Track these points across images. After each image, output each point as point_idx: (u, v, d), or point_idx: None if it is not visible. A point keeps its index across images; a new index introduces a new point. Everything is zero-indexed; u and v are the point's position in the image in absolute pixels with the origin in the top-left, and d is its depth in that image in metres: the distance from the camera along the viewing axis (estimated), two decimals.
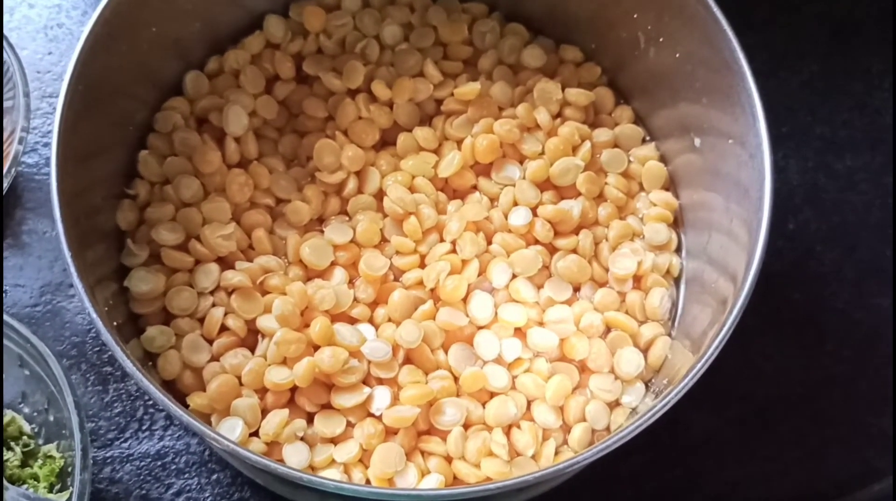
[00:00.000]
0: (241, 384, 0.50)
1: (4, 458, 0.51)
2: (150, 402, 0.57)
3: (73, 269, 0.43)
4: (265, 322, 0.51)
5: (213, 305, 0.52)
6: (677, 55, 0.54)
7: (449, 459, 0.50)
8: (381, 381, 0.51)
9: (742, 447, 0.59)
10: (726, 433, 0.59)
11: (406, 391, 0.50)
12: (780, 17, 0.68)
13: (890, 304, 0.62)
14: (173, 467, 0.56)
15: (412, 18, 0.60)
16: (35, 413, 0.53)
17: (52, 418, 0.52)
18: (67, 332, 0.58)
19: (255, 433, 0.49)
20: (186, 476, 0.56)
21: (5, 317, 0.49)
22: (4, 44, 0.56)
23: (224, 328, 0.51)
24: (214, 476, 0.56)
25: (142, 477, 0.55)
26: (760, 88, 0.48)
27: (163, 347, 0.51)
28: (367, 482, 0.49)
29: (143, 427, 0.56)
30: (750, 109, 0.48)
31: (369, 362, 0.51)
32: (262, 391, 0.50)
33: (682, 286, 0.57)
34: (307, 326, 0.51)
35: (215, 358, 0.51)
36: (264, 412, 0.50)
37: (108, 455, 0.55)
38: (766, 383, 0.59)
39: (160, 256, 0.52)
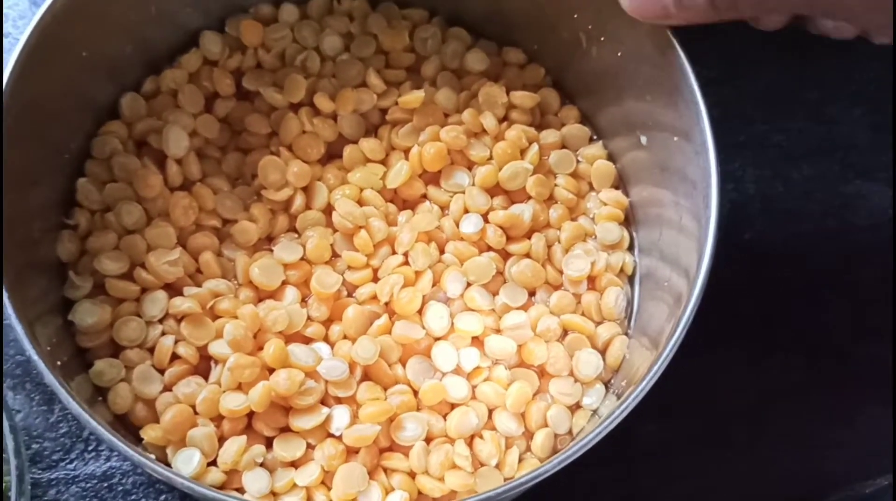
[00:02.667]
0: (195, 413, 0.49)
1: None
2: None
3: (10, 309, 0.42)
4: (217, 348, 0.50)
5: (163, 333, 0.51)
6: (619, 54, 0.54)
7: (412, 474, 0.50)
8: (339, 400, 0.50)
9: (695, 459, 0.59)
10: (680, 446, 0.59)
11: (365, 409, 0.49)
12: (737, 23, 0.68)
13: (843, 315, 0.62)
14: (120, 488, 0.55)
15: (352, 28, 0.59)
16: None
17: None
18: (11, 350, 0.56)
19: (214, 462, 0.48)
20: (133, 497, 0.55)
21: None
22: None
23: (175, 357, 0.50)
24: (162, 497, 0.55)
25: (88, 499, 0.54)
26: (717, 95, 0.47)
27: (113, 380, 0.49)
28: None
29: (90, 448, 0.55)
30: (693, 105, 0.48)
31: (326, 381, 0.50)
32: (218, 419, 0.49)
33: (637, 284, 0.57)
34: (261, 349, 0.50)
35: (168, 388, 0.50)
36: (221, 440, 0.49)
37: (53, 476, 0.54)
38: (720, 394, 0.59)
39: (105, 286, 0.51)
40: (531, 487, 0.43)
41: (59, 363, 0.44)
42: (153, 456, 0.46)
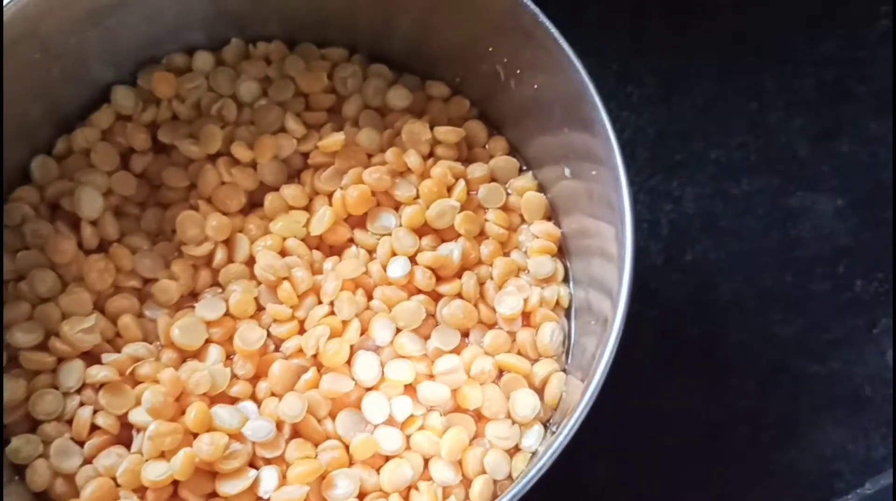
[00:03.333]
0: (118, 485, 0.47)
1: None
2: None
3: None
4: (137, 416, 0.49)
5: (81, 404, 0.49)
6: (535, 86, 0.53)
7: None
8: (267, 461, 0.49)
9: (647, 495, 0.57)
10: (629, 481, 0.57)
11: (294, 469, 0.48)
12: (669, 40, 0.66)
13: (792, 332, 0.61)
14: None
15: (269, 71, 0.58)
16: None
17: None
18: None
19: None
20: None
21: None
22: None
23: (95, 427, 0.49)
24: None
25: None
26: (652, 114, 0.46)
27: (30, 457, 0.48)
28: None
29: None
30: (605, 140, 0.46)
31: (253, 442, 0.49)
32: (141, 490, 0.48)
33: (573, 317, 0.56)
34: (184, 413, 0.49)
35: (88, 461, 0.48)
36: None
37: None
38: (669, 425, 0.58)
39: (18, 359, 0.50)
40: None
41: None
42: None
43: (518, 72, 0.53)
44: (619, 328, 0.44)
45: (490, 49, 0.54)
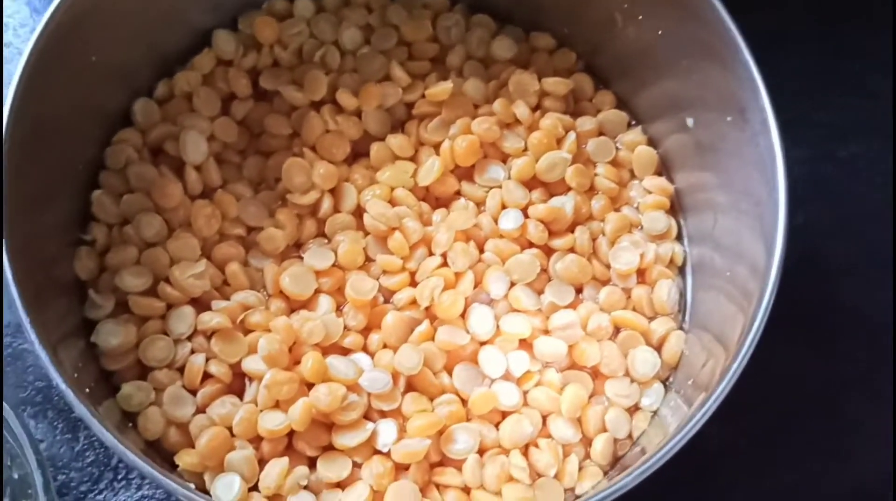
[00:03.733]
0: (232, 435, 0.46)
1: None
2: None
3: (33, 335, 0.39)
4: (251, 364, 0.47)
5: (192, 351, 0.48)
6: (660, 32, 0.51)
7: (467, 490, 0.47)
8: (384, 414, 0.47)
9: (762, 458, 0.56)
10: (744, 445, 0.56)
11: (413, 422, 0.46)
12: (771, 1, 0.65)
13: None
14: None
15: (371, 19, 0.57)
16: None
17: (16, 475, 0.48)
18: (31, 376, 0.53)
19: (255, 487, 0.45)
20: None
21: None
22: None
23: (207, 376, 0.47)
24: None
25: None
26: None
27: (142, 404, 0.46)
28: None
29: (119, 477, 0.52)
30: (749, 81, 0.45)
31: (369, 394, 0.47)
32: (256, 441, 0.46)
33: (689, 275, 0.54)
34: (297, 363, 0.47)
35: (201, 410, 0.47)
36: (261, 463, 0.46)
37: None
38: (781, 389, 0.56)
39: (128, 304, 0.48)
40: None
41: (87, 390, 0.41)
42: (192, 485, 0.43)
43: (640, 18, 0.51)
44: (767, 306, 0.43)
45: None
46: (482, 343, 0.50)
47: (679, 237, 0.55)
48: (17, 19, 0.61)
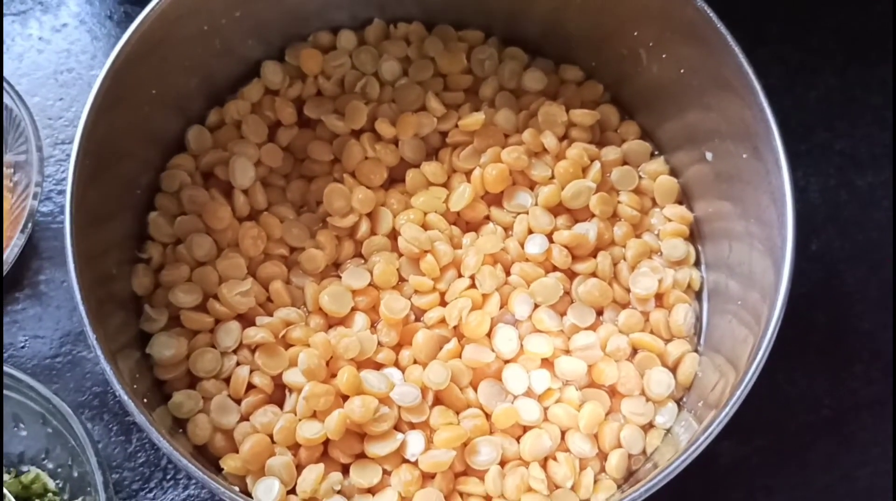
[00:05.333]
0: (273, 442, 0.49)
1: None
2: None
3: (96, 346, 0.43)
4: (292, 377, 0.51)
5: (238, 363, 0.51)
6: (682, 71, 0.53)
7: (488, 498, 0.50)
8: (413, 425, 0.51)
9: (771, 475, 0.58)
10: (755, 462, 0.58)
11: (440, 434, 0.50)
12: (794, 31, 0.66)
13: None
14: None
15: (409, 52, 0.60)
16: (59, 469, 0.53)
17: (76, 473, 0.52)
18: (89, 382, 0.57)
19: (293, 491, 0.49)
20: None
21: (25, 376, 0.49)
22: (14, 97, 0.55)
23: (251, 386, 0.51)
24: None
25: None
26: (775, 104, 0.47)
27: (191, 411, 0.50)
28: None
29: (168, 477, 0.56)
30: (763, 122, 0.47)
31: (399, 407, 0.50)
32: (294, 448, 0.50)
33: (705, 300, 0.56)
34: (334, 376, 0.51)
35: (245, 418, 0.50)
36: (299, 469, 0.49)
37: None
38: (794, 409, 0.59)
39: (179, 318, 0.52)
40: None
41: (144, 400, 0.45)
42: (236, 487, 0.47)
43: (664, 56, 0.54)
44: (775, 329, 0.45)
45: (635, 34, 0.55)
46: (506, 361, 0.53)
47: (697, 264, 0.57)
48: (78, 46, 0.65)
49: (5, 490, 0.50)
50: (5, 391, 0.50)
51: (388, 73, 0.59)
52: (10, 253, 0.52)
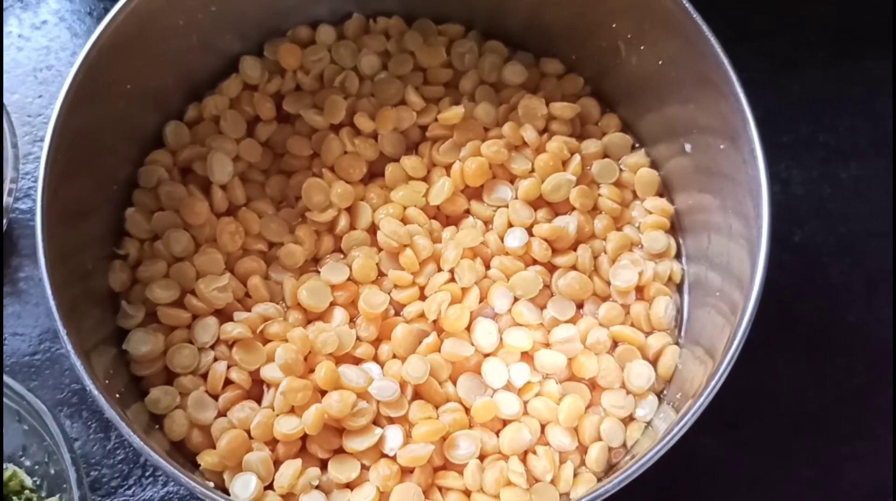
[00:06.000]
0: (250, 437, 0.49)
1: None
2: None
3: (67, 343, 0.42)
4: (269, 372, 0.50)
5: (215, 359, 0.51)
6: (660, 62, 0.53)
7: (468, 493, 0.50)
8: (391, 420, 0.50)
9: (755, 469, 0.58)
10: (738, 456, 0.58)
11: (418, 429, 0.49)
12: (779, 25, 0.66)
13: None
14: None
15: (388, 46, 0.60)
16: (36, 466, 0.53)
17: (52, 471, 0.52)
18: (67, 379, 0.57)
19: (270, 486, 0.49)
20: None
21: None
22: None
23: (228, 382, 0.51)
24: None
25: None
26: (759, 97, 0.47)
27: (168, 407, 0.50)
28: None
29: (147, 474, 0.56)
30: (739, 112, 0.47)
31: (378, 402, 0.50)
32: (272, 443, 0.50)
33: (686, 292, 0.56)
34: (312, 371, 0.51)
35: (222, 414, 0.50)
36: (277, 464, 0.49)
37: None
38: (777, 402, 0.59)
39: (156, 314, 0.52)
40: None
41: (117, 395, 0.45)
42: (211, 483, 0.47)
43: (642, 48, 0.54)
44: (750, 318, 0.45)
45: (614, 26, 0.55)
46: (486, 355, 0.53)
47: (678, 256, 0.57)
48: (57, 43, 0.65)
49: None
50: None
51: (367, 67, 0.59)
52: None
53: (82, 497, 0.46)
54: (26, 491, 0.52)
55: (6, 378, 0.49)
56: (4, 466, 0.53)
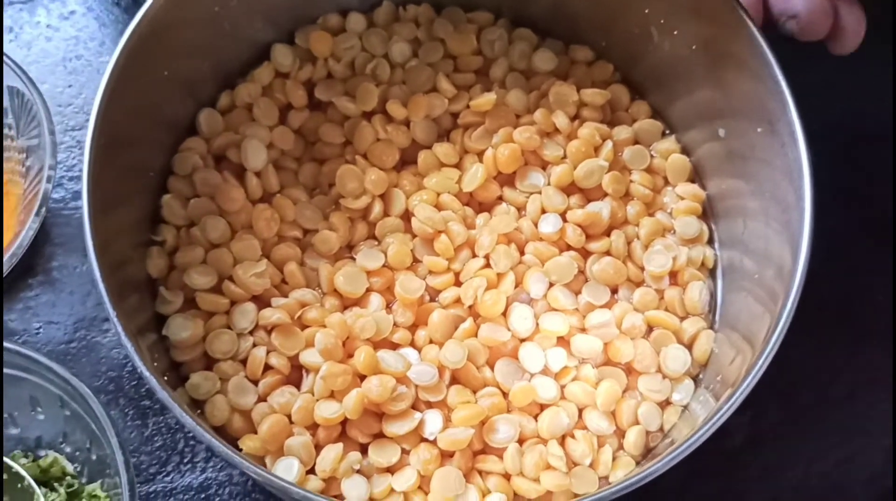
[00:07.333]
0: (291, 422, 0.49)
1: (49, 500, 0.51)
2: (191, 434, 0.56)
3: (119, 327, 0.43)
4: (308, 357, 0.50)
5: (254, 345, 0.51)
6: (693, 47, 0.53)
7: (507, 476, 0.50)
8: (430, 404, 0.51)
9: (785, 450, 0.58)
10: (768, 437, 0.58)
11: (458, 413, 0.49)
12: None
13: None
14: (217, 499, 0.55)
15: (419, 34, 0.60)
16: (77, 453, 0.53)
17: (94, 456, 0.52)
18: (104, 367, 0.57)
19: (311, 471, 0.49)
20: None
21: (43, 359, 0.49)
22: (26, 81, 0.55)
23: (268, 367, 0.51)
24: None
25: None
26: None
27: (209, 392, 0.50)
28: None
29: (185, 460, 0.56)
30: (778, 95, 0.47)
31: (417, 386, 0.50)
32: (312, 428, 0.50)
33: (720, 277, 0.56)
34: (350, 356, 0.51)
35: (262, 399, 0.50)
36: (317, 448, 0.49)
37: (150, 489, 0.55)
38: (809, 382, 0.59)
39: (195, 300, 0.52)
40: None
41: (165, 378, 0.45)
42: (261, 466, 0.46)
43: (675, 33, 0.54)
44: (792, 306, 0.45)
45: (646, 11, 0.55)
46: (522, 340, 0.53)
47: (710, 241, 0.57)
48: (86, 33, 0.65)
49: (25, 474, 0.50)
50: (23, 375, 0.50)
51: (398, 54, 0.59)
52: (25, 237, 0.52)
53: (130, 480, 0.46)
54: (68, 477, 0.52)
55: (50, 363, 0.49)
56: (45, 453, 0.53)
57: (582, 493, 0.49)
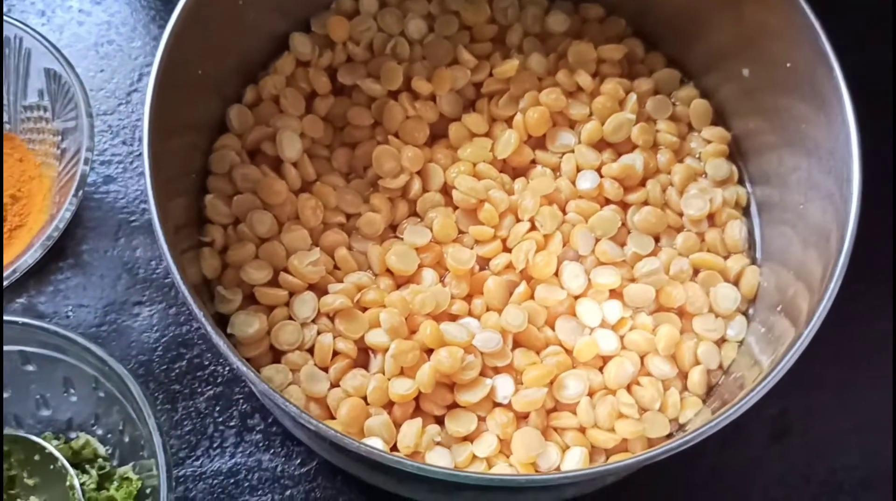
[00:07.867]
0: (367, 403, 0.50)
1: (81, 482, 0.51)
2: (220, 419, 0.56)
3: (208, 327, 0.43)
4: (374, 338, 0.51)
5: (319, 332, 0.52)
6: None
7: (583, 430, 0.51)
8: (497, 370, 0.51)
9: (834, 388, 0.59)
10: (818, 408, 0.59)
11: (528, 374, 0.50)
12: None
13: None
14: (246, 484, 0.56)
15: (431, 8, 0.60)
16: (108, 435, 0.53)
17: (127, 438, 0.52)
18: (134, 351, 0.58)
19: (394, 448, 0.49)
20: (260, 492, 0.55)
21: (81, 339, 0.49)
22: (64, 63, 0.56)
23: (335, 353, 0.51)
24: (288, 493, 0.56)
25: (215, 496, 0.55)
26: None
27: (282, 385, 0.50)
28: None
29: (214, 445, 0.56)
30: (804, 20, 0.48)
31: (482, 354, 0.51)
32: (388, 406, 0.50)
33: (755, 215, 0.58)
34: (413, 332, 0.51)
35: (335, 384, 0.51)
36: (395, 426, 0.50)
37: (180, 473, 0.55)
38: (868, 342, 0.59)
39: (254, 296, 0.52)
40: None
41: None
42: (353, 437, 0.47)
43: None
44: (850, 243, 0.45)
45: None
46: (577, 297, 0.54)
47: (741, 181, 0.59)
48: (118, 18, 0.66)
49: (59, 455, 0.50)
50: (58, 355, 0.50)
51: (415, 31, 0.59)
52: (62, 218, 0.53)
53: (167, 462, 0.46)
54: (100, 460, 0.52)
55: (88, 343, 0.48)
56: (76, 434, 0.53)
57: (655, 436, 0.51)
